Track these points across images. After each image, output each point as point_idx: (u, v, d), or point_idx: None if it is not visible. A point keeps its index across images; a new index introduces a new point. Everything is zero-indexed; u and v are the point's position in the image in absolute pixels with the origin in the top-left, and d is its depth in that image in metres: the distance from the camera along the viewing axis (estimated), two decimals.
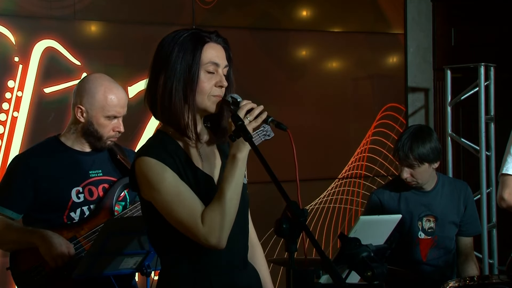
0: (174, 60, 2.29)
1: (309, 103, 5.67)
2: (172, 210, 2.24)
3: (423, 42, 6.28)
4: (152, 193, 2.26)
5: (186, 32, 2.33)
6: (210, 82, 2.30)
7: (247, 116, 2.23)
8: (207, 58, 2.30)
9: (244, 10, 5.42)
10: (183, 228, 2.24)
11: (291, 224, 2.01)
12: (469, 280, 3.31)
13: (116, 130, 3.14)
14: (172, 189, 2.23)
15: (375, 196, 3.82)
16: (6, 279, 4.06)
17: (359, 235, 2.22)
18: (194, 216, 2.21)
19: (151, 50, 2.38)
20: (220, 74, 2.32)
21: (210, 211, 2.21)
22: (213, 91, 2.30)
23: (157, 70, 2.34)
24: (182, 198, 2.23)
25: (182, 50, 2.29)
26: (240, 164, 2.24)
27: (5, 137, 4.53)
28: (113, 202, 3.14)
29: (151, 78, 2.37)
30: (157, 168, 2.25)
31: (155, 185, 2.24)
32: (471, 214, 3.84)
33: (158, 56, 2.35)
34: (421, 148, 3.61)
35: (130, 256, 2.98)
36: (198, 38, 2.31)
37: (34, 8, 4.64)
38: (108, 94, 3.10)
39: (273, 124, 2.26)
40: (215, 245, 2.22)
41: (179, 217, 2.23)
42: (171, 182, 2.24)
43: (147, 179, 2.26)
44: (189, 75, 2.28)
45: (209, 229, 2.20)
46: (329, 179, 5.76)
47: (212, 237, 2.20)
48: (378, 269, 2.08)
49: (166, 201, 2.24)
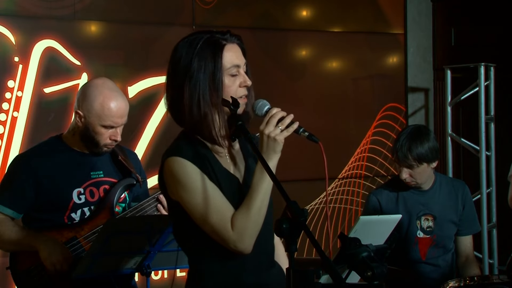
0: (196, 70, 2.27)
1: (309, 103, 5.67)
2: (201, 213, 2.24)
3: (423, 42, 6.28)
4: (181, 194, 2.26)
5: (201, 39, 2.30)
6: (235, 84, 2.31)
7: (279, 125, 2.23)
8: (228, 62, 2.29)
9: (244, 10, 5.42)
10: (212, 231, 2.25)
11: (291, 224, 2.01)
12: (469, 280, 3.31)
13: (113, 138, 3.11)
14: (202, 191, 2.24)
15: (373, 196, 3.83)
16: (6, 279, 4.06)
17: (359, 235, 2.22)
18: (224, 221, 2.23)
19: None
20: (243, 74, 2.32)
21: (240, 217, 2.23)
22: (238, 92, 2.31)
23: (179, 81, 2.29)
24: (212, 201, 2.24)
25: (202, 59, 2.27)
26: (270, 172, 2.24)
27: (5, 137, 4.53)
28: (113, 203, 3.14)
29: (174, 90, 2.32)
30: (188, 169, 2.25)
31: (185, 186, 2.25)
32: (469, 213, 3.84)
33: (177, 67, 2.31)
34: (419, 148, 3.62)
35: (130, 256, 2.98)
36: (215, 43, 2.29)
37: (34, 8, 4.64)
38: (106, 103, 3.06)
39: (304, 135, 2.25)
40: (243, 250, 2.25)
41: (208, 220, 2.24)
42: (202, 184, 2.24)
43: (177, 179, 2.26)
44: (213, 83, 2.27)
45: (239, 235, 2.22)
46: (329, 179, 5.75)
47: (240, 243, 2.23)
48: (378, 269, 2.08)
49: (196, 203, 2.24)
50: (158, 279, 5.00)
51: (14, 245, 3.11)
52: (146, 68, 4.96)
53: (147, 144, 4.94)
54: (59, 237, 3.06)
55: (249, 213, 2.22)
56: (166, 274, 5.04)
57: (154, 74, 4.96)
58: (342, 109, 5.86)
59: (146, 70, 4.96)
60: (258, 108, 2.29)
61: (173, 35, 5.05)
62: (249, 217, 2.22)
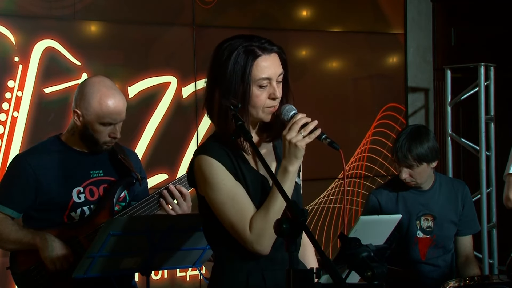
0: (229, 74, 2.30)
1: (309, 103, 5.66)
2: (223, 211, 2.30)
3: (423, 42, 6.28)
4: (207, 191, 2.33)
5: (240, 45, 2.32)
6: (263, 95, 2.33)
7: (301, 132, 2.26)
8: (258, 75, 2.31)
9: (244, 10, 5.42)
10: (232, 230, 2.30)
11: (291, 224, 2.01)
12: (469, 280, 3.31)
13: (112, 136, 3.11)
14: (227, 190, 2.29)
15: (373, 196, 3.83)
16: (6, 279, 4.06)
17: (359, 235, 2.22)
18: (244, 221, 2.27)
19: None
20: (274, 86, 2.33)
21: (258, 219, 2.27)
22: (267, 103, 2.33)
23: (213, 81, 2.35)
24: (235, 201, 2.29)
25: (235, 64, 2.30)
26: (291, 177, 2.29)
27: (5, 137, 4.53)
28: (113, 203, 3.14)
29: (208, 88, 2.38)
30: (215, 168, 2.30)
31: (211, 184, 2.30)
32: (469, 213, 3.84)
33: (214, 66, 2.35)
34: (419, 148, 3.62)
35: (130, 256, 2.97)
36: (250, 52, 2.31)
37: (34, 8, 4.64)
38: (103, 101, 3.06)
39: (325, 142, 2.28)
40: (260, 252, 2.29)
41: (229, 219, 2.29)
42: (226, 184, 2.30)
43: (204, 177, 2.32)
44: (242, 91, 2.30)
45: (256, 237, 2.27)
46: (329, 179, 5.76)
47: (258, 245, 2.27)
48: (378, 269, 2.08)
49: (220, 202, 2.30)
50: (158, 279, 5.00)
51: (14, 244, 3.11)
52: (146, 68, 4.96)
53: (147, 144, 4.94)
54: (59, 236, 3.06)
55: (267, 215, 2.26)
56: (166, 274, 5.03)
57: (154, 74, 4.97)
58: (342, 109, 5.86)
59: (146, 70, 4.96)
60: (284, 113, 2.34)
61: (173, 35, 5.06)
62: (267, 219, 2.25)
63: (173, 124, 5.01)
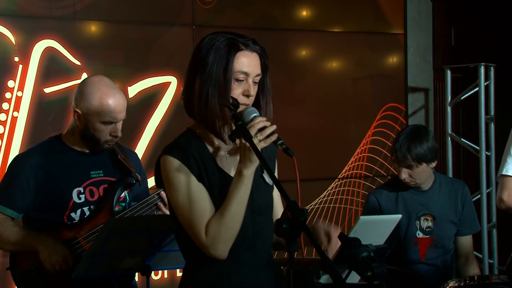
0: (210, 64, 2.30)
1: (309, 103, 5.67)
2: (183, 214, 2.28)
3: (423, 42, 6.28)
4: (169, 192, 2.31)
5: (223, 37, 2.34)
6: (238, 90, 2.32)
7: (258, 135, 2.22)
8: (237, 67, 2.31)
9: (244, 10, 5.42)
10: (190, 234, 2.29)
11: (291, 224, 2.01)
12: (469, 280, 3.31)
13: (113, 135, 3.11)
14: (187, 193, 2.27)
15: (373, 197, 3.83)
16: (6, 279, 4.06)
17: (359, 235, 2.22)
18: (201, 225, 2.25)
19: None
20: (249, 83, 2.33)
21: (213, 224, 2.24)
22: (240, 99, 2.31)
23: (194, 72, 2.35)
24: (195, 204, 2.26)
25: (217, 55, 2.31)
26: (246, 181, 2.25)
27: (5, 137, 4.53)
28: (113, 203, 3.14)
29: (188, 79, 2.38)
30: (177, 169, 2.28)
31: (173, 186, 2.29)
32: (469, 213, 3.84)
33: (195, 57, 2.36)
34: (418, 148, 3.62)
35: (130, 256, 2.98)
36: (233, 45, 2.33)
37: (34, 8, 4.64)
38: (104, 100, 3.06)
39: (281, 147, 2.24)
40: (216, 256, 2.26)
41: (188, 222, 2.28)
42: (188, 185, 2.27)
43: (167, 178, 2.30)
44: (223, 81, 2.29)
45: (212, 241, 2.24)
46: (329, 179, 5.75)
47: (213, 249, 2.25)
48: (378, 269, 2.08)
49: (180, 204, 2.28)
50: (158, 279, 5.00)
51: (14, 246, 3.11)
52: (146, 68, 4.96)
53: (147, 144, 4.94)
54: (59, 237, 3.06)
55: (222, 219, 2.24)
56: (166, 274, 5.03)
57: (154, 74, 4.97)
58: (342, 109, 5.86)
59: (146, 70, 4.96)
60: (245, 115, 2.29)
61: (173, 35, 5.06)
62: (223, 223, 2.23)
63: (173, 124, 5.00)
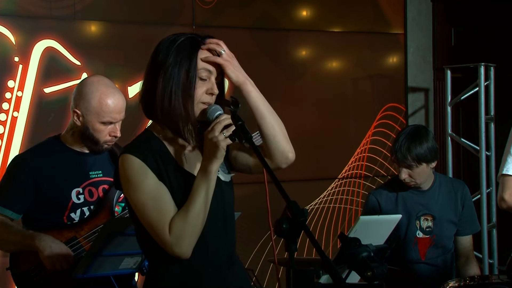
0: (172, 64, 2.27)
1: (309, 103, 5.67)
2: (144, 213, 2.25)
3: (423, 42, 6.28)
4: (129, 192, 2.27)
5: (183, 36, 2.32)
6: (201, 89, 2.29)
7: (224, 132, 2.20)
8: (201, 64, 2.29)
9: (244, 10, 5.42)
10: (152, 232, 2.25)
11: (291, 224, 2.01)
12: (469, 280, 3.31)
13: (113, 135, 3.11)
14: (148, 191, 2.24)
15: (372, 197, 3.83)
16: (6, 279, 4.06)
17: (359, 235, 2.22)
18: (163, 223, 2.22)
19: (151, 50, 2.38)
20: (212, 82, 2.31)
21: (177, 221, 2.22)
22: (203, 98, 2.30)
23: (155, 72, 2.30)
24: (156, 202, 2.24)
25: (179, 55, 2.28)
26: (211, 177, 2.23)
27: (5, 137, 4.53)
28: (113, 203, 3.14)
29: (148, 80, 2.33)
30: (137, 168, 2.25)
31: (133, 185, 2.26)
32: (469, 213, 3.84)
33: (155, 59, 2.32)
34: (418, 148, 3.62)
35: (130, 256, 2.98)
36: (195, 43, 2.31)
37: (34, 8, 4.64)
38: (103, 100, 3.06)
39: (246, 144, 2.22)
40: (180, 255, 2.24)
41: (149, 221, 2.24)
42: (149, 184, 2.25)
43: (127, 177, 2.27)
44: (187, 81, 2.27)
45: (175, 239, 2.21)
46: (329, 179, 5.76)
47: (177, 247, 2.22)
48: (378, 269, 2.08)
49: (141, 203, 2.25)
50: None
51: (13, 246, 3.11)
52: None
53: None
54: (59, 237, 3.06)
55: (187, 217, 2.21)
56: None
57: None
58: (342, 109, 5.86)
59: None
60: (210, 113, 2.28)
61: None
62: (187, 221, 2.21)
63: None
